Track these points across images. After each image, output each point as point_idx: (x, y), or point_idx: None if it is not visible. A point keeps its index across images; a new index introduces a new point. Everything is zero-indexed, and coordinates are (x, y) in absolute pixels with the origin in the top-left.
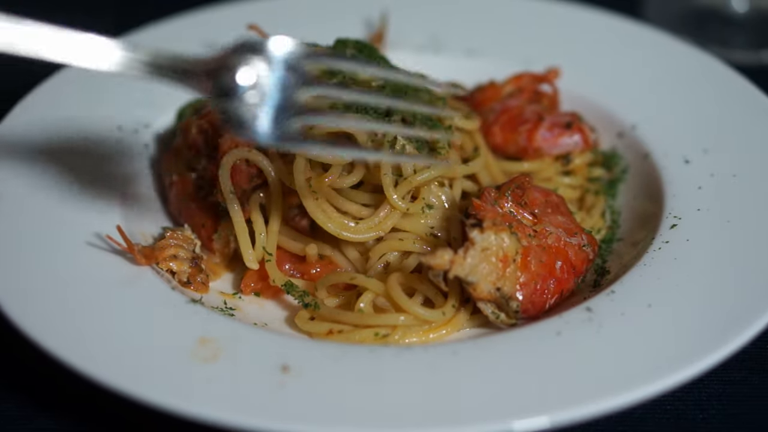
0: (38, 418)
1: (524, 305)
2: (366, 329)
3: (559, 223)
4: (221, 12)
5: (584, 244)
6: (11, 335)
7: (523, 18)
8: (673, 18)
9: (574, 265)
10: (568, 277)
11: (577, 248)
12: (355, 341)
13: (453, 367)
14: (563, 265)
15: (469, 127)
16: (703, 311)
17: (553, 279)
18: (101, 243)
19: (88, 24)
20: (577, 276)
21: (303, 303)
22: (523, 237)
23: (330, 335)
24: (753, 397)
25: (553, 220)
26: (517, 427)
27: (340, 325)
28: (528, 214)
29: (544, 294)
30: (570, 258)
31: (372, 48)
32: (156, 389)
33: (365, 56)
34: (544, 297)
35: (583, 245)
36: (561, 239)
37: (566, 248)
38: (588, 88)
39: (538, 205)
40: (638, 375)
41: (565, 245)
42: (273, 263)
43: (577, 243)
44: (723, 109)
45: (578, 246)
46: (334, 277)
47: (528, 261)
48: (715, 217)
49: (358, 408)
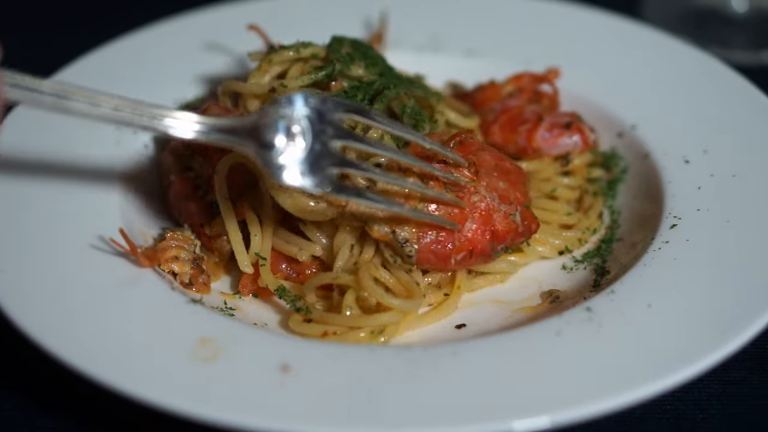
0: (38, 418)
1: (423, 254)
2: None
3: (497, 188)
4: (221, 12)
5: (513, 213)
6: (11, 335)
7: (523, 18)
8: (673, 18)
9: (495, 230)
10: (482, 239)
11: (503, 215)
12: (351, 341)
13: (453, 367)
14: (479, 227)
15: (468, 125)
16: (703, 311)
17: (461, 235)
18: (101, 243)
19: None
20: (497, 242)
21: (295, 307)
22: (438, 187)
23: (325, 336)
24: (753, 397)
25: (492, 183)
26: (517, 427)
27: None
28: (467, 171)
29: (447, 247)
30: (492, 221)
31: (368, 47)
32: (156, 389)
33: (361, 55)
34: (448, 250)
35: (511, 214)
36: (487, 201)
37: (491, 212)
38: (588, 88)
39: (485, 166)
40: (638, 375)
41: (489, 208)
42: (267, 268)
43: (505, 210)
44: (723, 109)
45: (505, 213)
46: (317, 279)
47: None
48: (715, 217)
49: (358, 408)
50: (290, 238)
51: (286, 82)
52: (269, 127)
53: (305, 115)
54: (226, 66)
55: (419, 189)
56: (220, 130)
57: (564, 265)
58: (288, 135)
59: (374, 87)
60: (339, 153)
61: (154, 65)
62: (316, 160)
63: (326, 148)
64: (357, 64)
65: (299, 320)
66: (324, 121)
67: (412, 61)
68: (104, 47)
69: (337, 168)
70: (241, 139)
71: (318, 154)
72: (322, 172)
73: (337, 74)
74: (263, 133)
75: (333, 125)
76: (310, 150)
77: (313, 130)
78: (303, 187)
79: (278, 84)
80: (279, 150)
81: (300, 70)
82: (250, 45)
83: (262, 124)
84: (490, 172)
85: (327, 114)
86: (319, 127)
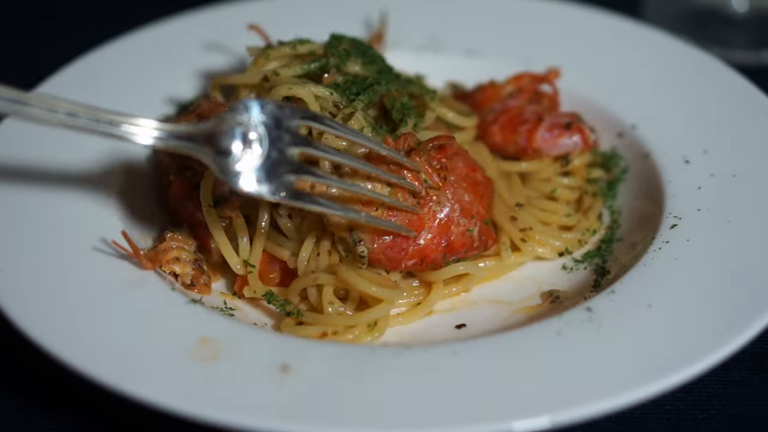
0: (39, 419)
1: (375, 255)
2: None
3: (461, 200)
4: (221, 12)
5: (471, 229)
6: (12, 336)
7: (523, 18)
8: (673, 18)
9: (450, 241)
10: (436, 249)
11: (463, 229)
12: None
13: (453, 367)
14: (435, 236)
15: (466, 124)
16: (703, 311)
17: (415, 243)
18: (101, 244)
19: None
20: (450, 254)
21: (285, 312)
22: (402, 193)
23: (324, 337)
24: (753, 397)
25: (457, 195)
26: (517, 427)
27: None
28: (436, 176)
29: (400, 253)
30: (449, 234)
31: (367, 46)
32: (156, 389)
33: (360, 54)
34: (401, 255)
35: (469, 230)
36: (447, 214)
37: (449, 224)
38: (588, 88)
39: (456, 175)
40: (638, 375)
41: (449, 221)
42: (255, 275)
43: (465, 225)
44: (723, 109)
45: (464, 228)
46: (298, 284)
47: (393, 216)
48: (715, 217)
49: (358, 408)
50: (283, 241)
51: (279, 70)
52: (226, 133)
53: (262, 121)
54: (226, 66)
55: (376, 196)
56: (178, 136)
57: (564, 265)
58: (245, 142)
59: (367, 81)
60: (295, 160)
61: (154, 65)
62: (273, 166)
63: (283, 155)
64: (353, 61)
65: (291, 324)
66: (281, 128)
67: (412, 61)
68: (104, 47)
69: (294, 175)
70: (198, 146)
71: (275, 160)
72: (278, 179)
73: (331, 68)
74: (220, 140)
75: (290, 132)
76: (267, 157)
77: (269, 136)
78: (259, 194)
79: (271, 73)
80: (236, 157)
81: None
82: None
83: (219, 131)
84: (459, 181)
85: (284, 121)
86: (275, 133)
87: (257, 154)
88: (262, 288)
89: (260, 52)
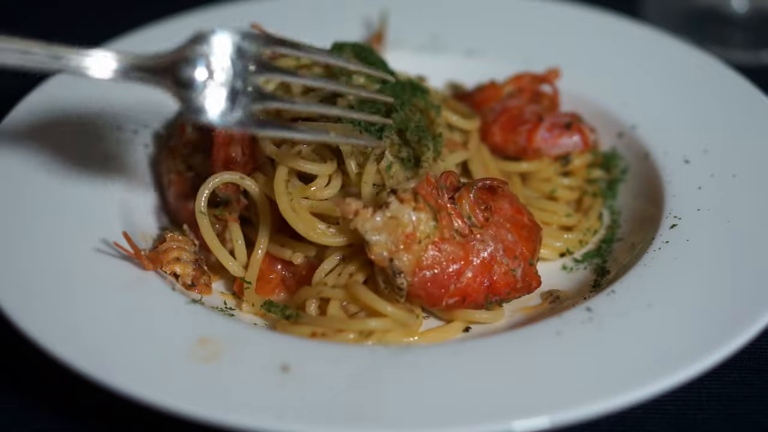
0: (39, 419)
1: (415, 289)
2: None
3: (505, 240)
4: (221, 12)
5: (514, 269)
6: (12, 336)
7: (523, 18)
8: (673, 18)
9: (492, 281)
10: (478, 289)
11: (505, 269)
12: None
13: (453, 367)
14: (476, 274)
15: (469, 127)
16: (703, 311)
17: (458, 281)
18: (101, 244)
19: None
20: (492, 294)
21: (284, 316)
22: (447, 228)
23: (313, 337)
24: (753, 397)
25: (501, 235)
26: (517, 427)
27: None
28: (480, 215)
29: (440, 290)
30: (491, 273)
31: (370, 50)
32: (156, 389)
33: (363, 59)
34: (441, 293)
35: (512, 270)
36: (490, 252)
37: (492, 262)
38: (588, 88)
39: (501, 215)
40: (638, 375)
41: (492, 260)
42: (251, 290)
43: (507, 265)
44: (723, 109)
45: (507, 268)
46: (303, 294)
47: (436, 251)
48: (715, 217)
49: (358, 408)
50: (284, 241)
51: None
52: (187, 64)
53: (226, 51)
54: None
55: (345, 113)
56: (138, 68)
57: (564, 266)
58: (208, 72)
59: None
60: (261, 88)
61: None
62: (238, 96)
63: (248, 84)
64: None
65: (286, 323)
66: (245, 57)
67: (412, 61)
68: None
69: (260, 103)
70: (159, 77)
71: (240, 90)
72: (245, 109)
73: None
74: (182, 71)
75: (255, 60)
76: (231, 87)
77: (233, 66)
78: (226, 126)
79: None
80: (198, 87)
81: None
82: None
83: (180, 61)
84: (503, 222)
85: (248, 49)
86: (239, 62)
87: (221, 84)
88: (259, 300)
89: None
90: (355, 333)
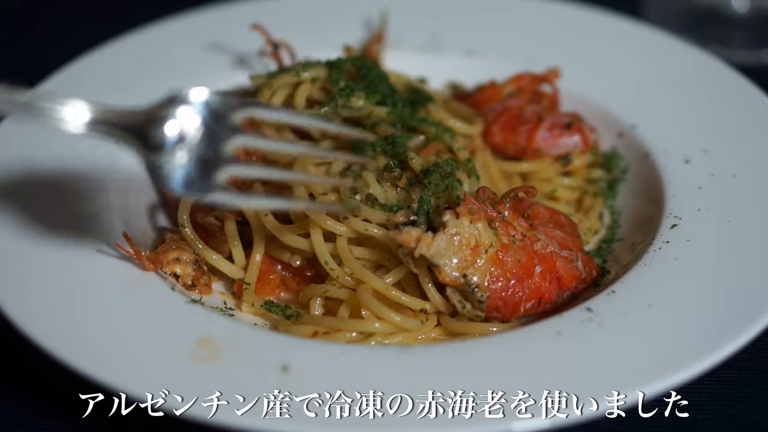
0: (39, 419)
1: (493, 300)
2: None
3: (555, 236)
4: (221, 12)
5: (575, 259)
6: (12, 336)
7: (523, 18)
8: (674, 17)
9: (559, 276)
10: (550, 286)
11: (566, 261)
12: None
13: (453, 367)
14: (544, 271)
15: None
16: (704, 311)
17: (531, 282)
18: (101, 244)
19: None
20: (563, 289)
21: (286, 316)
22: (504, 234)
23: (315, 336)
24: (753, 397)
25: (549, 232)
26: (517, 428)
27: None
28: (523, 221)
29: (517, 294)
30: (556, 268)
31: (371, 65)
32: (156, 389)
33: (364, 73)
34: (518, 297)
35: (573, 260)
36: (549, 247)
37: (553, 257)
38: (588, 88)
39: (541, 219)
40: (638, 375)
41: (553, 254)
42: (251, 291)
43: (567, 257)
44: (723, 109)
45: (568, 259)
46: (308, 292)
47: (503, 257)
48: (715, 217)
49: (358, 408)
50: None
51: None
52: (158, 126)
53: (198, 113)
54: (227, 66)
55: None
56: (105, 122)
57: None
58: (179, 136)
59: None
60: (230, 155)
61: (154, 65)
62: (207, 164)
63: (219, 150)
64: (357, 95)
65: (288, 322)
66: (220, 121)
67: (412, 61)
68: (104, 47)
69: (228, 168)
70: (128, 137)
71: (209, 157)
72: (212, 177)
73: (340, 108)
74: (151, 133)
75: (229, 124)
76: (200, 154)
77: (206, 131)
78: (188, 196)
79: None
80: (167, 151)
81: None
82: (251, 44)
83: (151, 122)
84: (545, 222)
85: (222, 113)
86: (213, 127)
87: (190, 149)
88: (258, 300)
89: (265, 80)
90: (357, 333)
